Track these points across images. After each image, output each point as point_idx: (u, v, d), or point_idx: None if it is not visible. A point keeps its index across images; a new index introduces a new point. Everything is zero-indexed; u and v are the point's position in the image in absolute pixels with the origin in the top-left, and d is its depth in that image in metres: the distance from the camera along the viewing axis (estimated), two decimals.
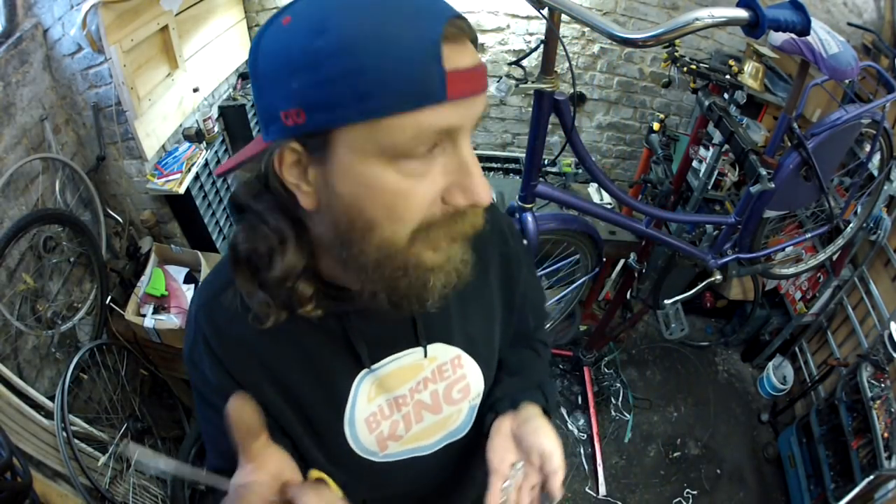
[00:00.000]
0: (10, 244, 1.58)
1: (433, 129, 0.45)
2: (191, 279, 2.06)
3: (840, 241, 2.17)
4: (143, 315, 1.90)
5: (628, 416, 2.55)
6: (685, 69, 1.88)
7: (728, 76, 1.84)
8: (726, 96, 1.85)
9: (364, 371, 0.64)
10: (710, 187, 2.42)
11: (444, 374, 0.70)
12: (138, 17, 1.81)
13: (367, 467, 0.69)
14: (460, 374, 0.71)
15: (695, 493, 2.30)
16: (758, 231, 1.82)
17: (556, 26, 1.18)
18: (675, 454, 2.43)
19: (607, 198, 2.58)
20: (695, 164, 2.40)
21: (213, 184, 2.29)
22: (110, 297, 1.94)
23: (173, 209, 2.20)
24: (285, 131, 0.46)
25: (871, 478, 1.76)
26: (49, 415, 1.55)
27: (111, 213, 2.06)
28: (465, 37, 0.46)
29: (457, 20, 0.45)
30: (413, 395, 0.69)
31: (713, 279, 1.90)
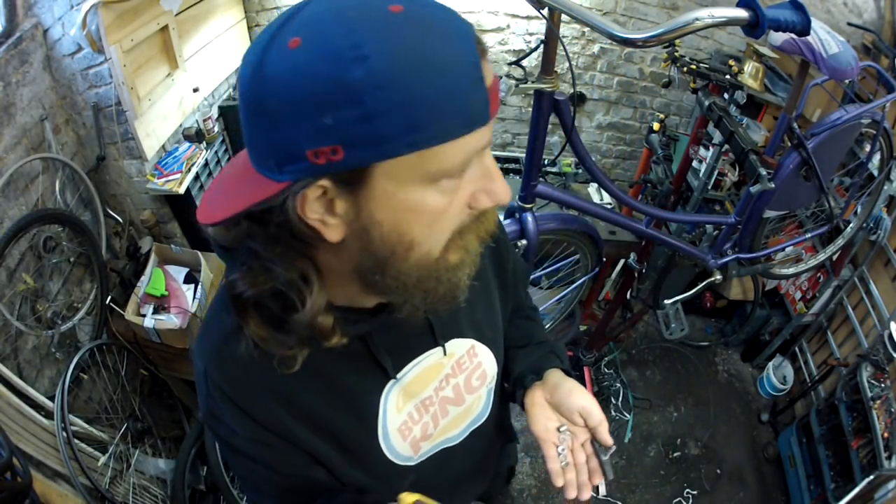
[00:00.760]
0: (10, 244, 1.58)
1: (477, 149, 0.45)
2: (191, 279, 2.06)
3: (840, 241, 2.17)
4: (143, 315, 1.90)
5: (628, 416, 2.55)
6: (685, 69, 1.88)
7: (728, 76, 1.84)
8: (726, 96, 1.85)
9: (391, 382, 0.64)
10: (710, 187, 2.42)
11: (462, 366, 0.72)
12: (138, 17, 1.81)
13: (404, 472, 0.70)
14: (476, 362, 0.73)
15: (695, 493, 2.30)
16: (758, 231, 1.82)
17: (556, 26, 1.18)
18: (675, 454, 2.43)
19: (607, 198, 2.58)
20: (695, 164, 2.40)
21: None
22: (110, 297, 1.94)
23: (173, 209, 2.21)
24: (313, 170, 0.41)
25: (871, 478, 1.76)
26: (49, 415, 1.56)
27: (111, 213, 2.06)
28: (484, 50, 0.44)
29: (475, 33, 0.44)
30: (438, 394, 0.70)
31: (713, 279, 1.90)
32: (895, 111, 1.95)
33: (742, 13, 0.91)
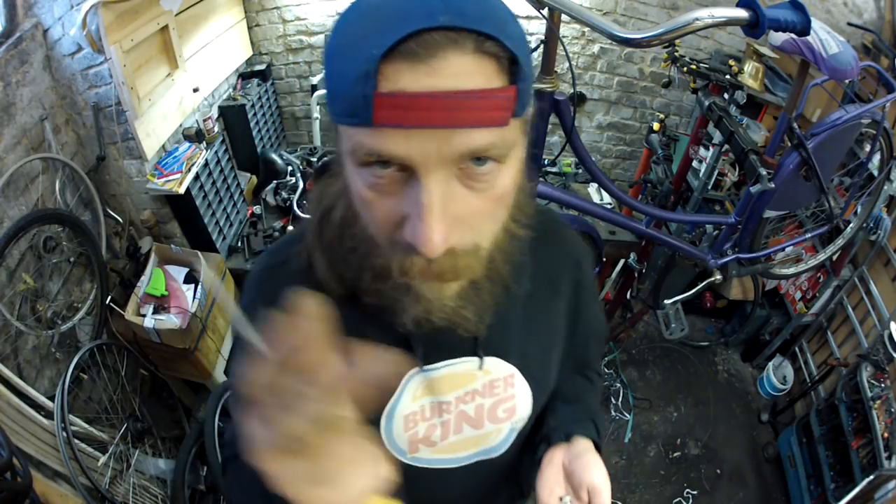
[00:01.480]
0: (10, 244, 1.58)
1: (363, 149, 0.42)
2: (191, 279, 2.06)
3: (840, 241, 2.17)
4: (143, 315, 1.90)
5: (628, 416, 2.55)
6: (685, 69, 1.88)
7: (728, 76, 1.84)
8: (726, 96, 1.85)
9: (415, 370, 0.63)
10: (710, 187, 2.42)
11: (494, 390, 0.68)
12: (138, 17, 1.82)
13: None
14: (510, 393, 0.69)
15: (695, 493, 2.30)
16: (758, 231, 1.82)
17: (556, 26, 1.18)
18: (675, 454, 2.43)
19: (607, 198, 2.58)
20: (695, 164, 2.40)
21: (213, 184, 2.29)
22: (110, 297, 1.94)
23: (173, 209, 2.20)
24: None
25: (871, 478, 1.76)
26: (49, 415, 1.55)
27: (111, 213, 2.06)
28: (438, 53, 0.39)
29: (440, 32, 0.39)
30: (458, 405, 0.67)
31: (713, 279, 1.90)
32: (895, 111, 1.95)
33: (742, 13, 0.91)
